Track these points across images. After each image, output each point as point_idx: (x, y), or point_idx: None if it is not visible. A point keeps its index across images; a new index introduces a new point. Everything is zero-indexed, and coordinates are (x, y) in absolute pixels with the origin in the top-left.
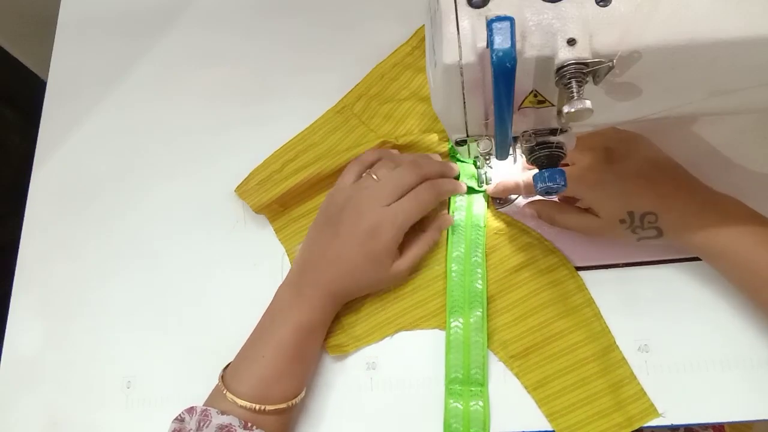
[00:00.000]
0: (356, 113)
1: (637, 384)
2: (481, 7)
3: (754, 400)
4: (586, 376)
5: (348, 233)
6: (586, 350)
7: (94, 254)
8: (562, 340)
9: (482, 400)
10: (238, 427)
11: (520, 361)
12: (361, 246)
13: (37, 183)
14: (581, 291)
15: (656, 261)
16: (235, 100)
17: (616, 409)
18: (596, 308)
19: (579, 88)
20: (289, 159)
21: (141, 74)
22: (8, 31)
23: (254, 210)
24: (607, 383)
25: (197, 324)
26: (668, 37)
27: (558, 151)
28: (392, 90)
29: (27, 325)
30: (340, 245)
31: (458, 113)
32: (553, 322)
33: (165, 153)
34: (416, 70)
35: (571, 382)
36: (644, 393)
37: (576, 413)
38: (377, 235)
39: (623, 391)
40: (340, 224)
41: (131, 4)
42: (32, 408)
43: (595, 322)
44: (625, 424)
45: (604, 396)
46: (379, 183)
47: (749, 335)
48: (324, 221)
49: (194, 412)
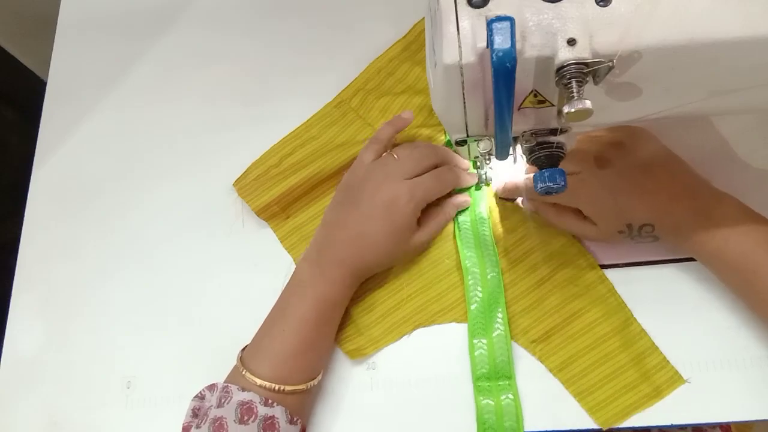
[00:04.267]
0: (353, 107)
1: (660, 353)
2: (481, 7)
3: (755, 400)
4: (609, 351)
5: (368, 206)
6: (605, 326)
7: (94, 254)
8: (580, 319)
9: (512, 392)
10: (259, 404)
11: (542, 345)
12: (382, 219)
13: (37, 183)
14: (593, 269)
15: (656, 261)
16: (235, 100)
17: (642, 381)
18: (609, 284)
19: (579, 88)
20: (287, 153)
21: (141, 74)
22: (8, 31)
23: (255, 212)
24: (630, 356)
25: (197, 324)
26: (668, 37)
27: (558, 151)
28: (389, 84)
29: (27, 325)
30: (360, 219)
31: (458, 113)
32: (570, 303)
33: (165, 153)
34: (413, 63)
35: (595, 359)
36: (667, 361)
37: (603, 389)
38: (396, 207)
39: (647, 362)
40: (359, 199)
41: (131, 4)
42: (32, 408)
43: (611, 298)
44: (653, 394)
45: (629, 369)
46: (400, 160)
47: (749, 335)
48: (343, 197)
49: (215, 388)
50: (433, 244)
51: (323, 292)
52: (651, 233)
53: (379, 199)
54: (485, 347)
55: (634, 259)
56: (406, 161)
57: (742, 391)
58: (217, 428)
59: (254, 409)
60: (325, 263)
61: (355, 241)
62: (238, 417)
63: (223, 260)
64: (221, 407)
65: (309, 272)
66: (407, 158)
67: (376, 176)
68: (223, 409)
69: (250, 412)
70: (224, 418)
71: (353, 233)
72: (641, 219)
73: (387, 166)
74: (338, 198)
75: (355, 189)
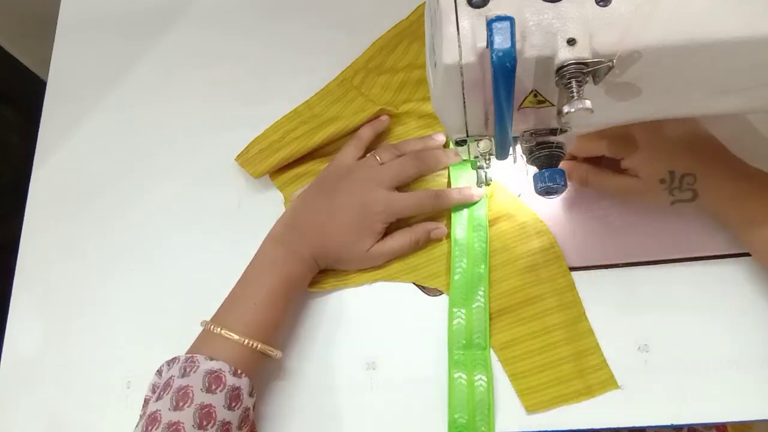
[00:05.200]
0: (355, 85)
1: (601, 355)
2: (481, 7)
3: (755, 400)
4: (553, 341)
5: (343, 202)
6: (556, 317)
7: (94, 254)
8: (534, 305)
9: (485, 374)
10: (228, 373)
11: (493, 321)
12: (351, 216)
13: (37, 183)
14: (559, 260)
15: (656, 261)
16: (235, 100)
17: (577, 377)
18: (570, 279)
19: (579, 88)
20: (290, 129)
21: (141, 74)
22: (8, 31)
23: (254, 176)
24: (572, 351)
25: (197, 324)
26: (668, 37)
27: (558, 151)
28: (390, 62)
29: (27, 325)
30: (331, 210)
31: (458, 113)
32: (528, 288)
33: (165, 153)
34: (413, 39)
35: (538, 347)
36: (606, 364)
37: (538, 376)
38: (369, 211)
39: (587, 361)
40: (336, 193)
41: (131, 4)
42: (32, 408)
43: (568, 293)
44: (584, 391)
45: (568, 363)
46: (383, 166)
47: (749, 335)
48: (319, 188)
49: (176, 361)
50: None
51: (292, 268)
52: (691, 186)
53: (355, 199)
54: (463, 317)
55: (634, 259)
56: (390, 169)
57: (741, 391)
58: (181, 397)
59: (222, 379)
60: (294, 243)
61: (323, 230)
62: (205, 386)
63: (223, 260)
64: (186, 377)
65: (276, 250)
66: (391, 166)
67: (358, 176)
68: (189, 378)
69: (218, 381)
70: (190, 387)
71: (322, 221)
72: (687, 166)
73: (371, 169)
74: (316, 186)
75: (334, 183)
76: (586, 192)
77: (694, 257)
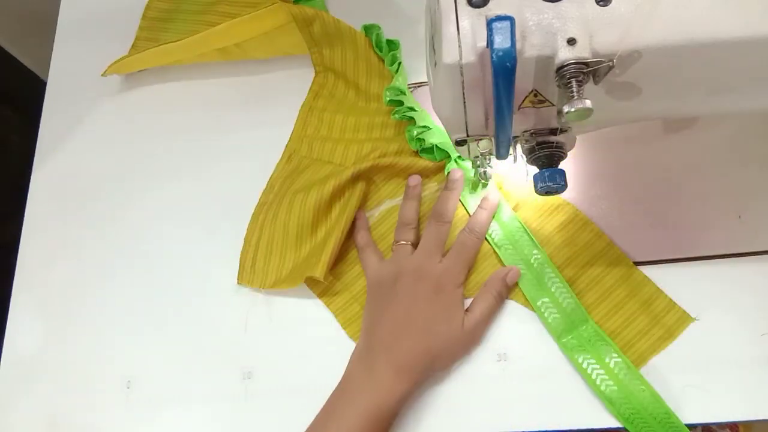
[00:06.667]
0: (305, 155)
1: (666, 296)
2: (481, 7)
3: (755, 399)
4: (618, 302)
5: (413, 294)
6: (610, 278)
7: (94, 254)
8: (586, 273)
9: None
10: None
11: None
12: (430, 301)
13: (37, 183)
14: (588, 225)
15: (656, 261)
16: (236, 101)
17: (653, 325)
18: (606, 238)
19: (579, 87)
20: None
21: (141, 74)
22: (8, 31)
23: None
24: (639, 303)
25: (197, 324)
26: (668, 37)
27: (558, 151)
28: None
29: (27, 325)
30: (408, 305)
31: (458, 113)
32: (574, 259)
33: (165, 153)
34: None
35: (605, 312)
36: (674, 303)
37: (617, 339)
38: (443, 286)
39: (655, 306)
40: (401, 292)
41: (131, 4)
42: (32, 408)
43: (610, 251)
44: (665, 336)
45: (639, 315)
46: (420, 246)
47: (749, 334)
48: (379, 298)
49: None
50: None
51: (373, 400)
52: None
53: (423, 285)
54: (551, 305)
55: (634, 259)
56: (427, 242)
57: (742, 391)
58: None
59: None
60: (377, 361)
61: (407, 328)
62: None
63: (222, 260)
64: None
65: (359, 373)
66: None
67: (408, 268)
68: None
69: None
70: None
71: (402, 319)
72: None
73: (410, 256)
74: (374, 297)
75: (391, 287)
76: (585, 192)
77: (694, 257)
